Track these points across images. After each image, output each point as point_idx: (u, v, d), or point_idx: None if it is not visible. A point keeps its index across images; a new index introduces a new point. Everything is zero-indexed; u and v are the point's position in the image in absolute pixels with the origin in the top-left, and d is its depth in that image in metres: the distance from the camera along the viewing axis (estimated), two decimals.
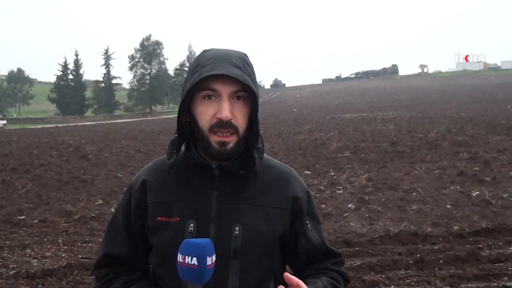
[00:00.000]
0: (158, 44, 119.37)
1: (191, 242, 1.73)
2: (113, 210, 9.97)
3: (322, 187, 13.59)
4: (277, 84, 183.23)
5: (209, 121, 1.92)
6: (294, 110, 61.95)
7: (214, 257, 1.73)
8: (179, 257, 1.72)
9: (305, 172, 16.15)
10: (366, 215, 10.44)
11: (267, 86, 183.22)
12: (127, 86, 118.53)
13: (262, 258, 1.99)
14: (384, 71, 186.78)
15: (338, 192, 13.00)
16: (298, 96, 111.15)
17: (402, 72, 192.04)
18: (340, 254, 2.20)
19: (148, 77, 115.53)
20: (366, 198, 11.92)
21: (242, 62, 1.94)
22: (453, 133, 24.50)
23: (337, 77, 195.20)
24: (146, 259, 2.08)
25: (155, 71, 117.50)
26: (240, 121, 1.93)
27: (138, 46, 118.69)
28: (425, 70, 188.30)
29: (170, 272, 1.92)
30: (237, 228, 1.94)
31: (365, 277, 6.87)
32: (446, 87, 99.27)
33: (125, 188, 2.20)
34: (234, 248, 1.93)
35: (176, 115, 2.01)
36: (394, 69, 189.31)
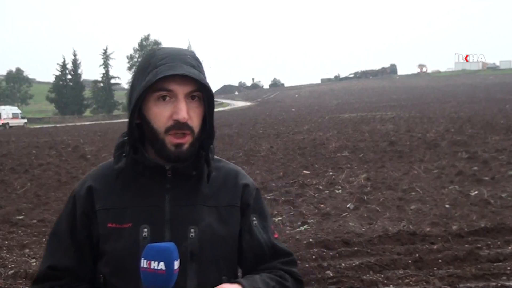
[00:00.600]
0: (157, 43, 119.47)
1: (157, 246, 1.69)
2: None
3: (321, 187, 13.59)
4: (275, 84, 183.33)
5: (165, 123, 1.87)
6: (293, 110, 61.97)
7: (179, 261, 1.70)
8: (143, 263, 1.66)
9: (304, 171, 16.15)
10: (365, 215, 10.44)
11: (266, 86, 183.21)
12: (126, 86, 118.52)
13: (220, 260, 1.95)
14: (383, 71, 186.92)
15: (336, 191, 13.00)
16: (296, 96, 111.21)
17: (400, 72, 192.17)
18: (291, 254, 2.13)
19: None
20: (365, 197, 11.92)
21: (196, 61, 1.92)
22: (451, 133, 24.50)
23: (335, 77, 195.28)
24: (94, 270, 1.97)
25: None
26: (195, 122, 1.90)
27: (136, 46, 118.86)
28: (424, 70, 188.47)
29: (125, 280, 1.86)
30: (192, 230, 1.90)
31: (364, 276, 6.88)
32: (445, 86, 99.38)
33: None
34: (190, 251, 1.88)
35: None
36: (392, 69, 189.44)
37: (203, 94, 1.92)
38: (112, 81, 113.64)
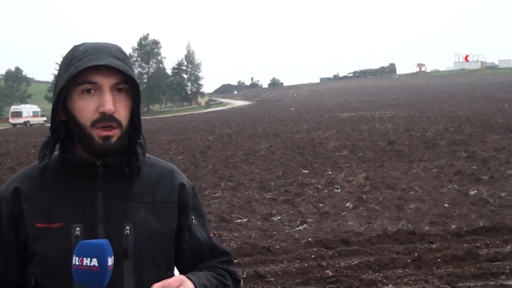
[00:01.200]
0: (156, 43, 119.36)
1: (90, 242, 1.65)
2: None
3: (320, 186, 13.60)
4: (275, 83, 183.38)
5: (90, 117, 1.81)
6: (292, 109, 62.00)
7: (113, 258, 1.65)
8: (75, 260, 1.62)
9: (303, 171, 16.16)
10: (364, 214, 10.45)
11: (265, 85, 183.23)
12: None
13: (158, 257, 1.91)
14: (381, 70, 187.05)
15: (336, 191, 13.00)
16: (296, 95, 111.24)
17: (399, 71, 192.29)
18: (229, 253, 2.11)
19: (145, 76, 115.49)
20: (364, 197, 11.92)
21: (121, 54, 1.87)
22: (450, 132, 24.53)
23: (335, 76, 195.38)
24: (22, 273, 1.89)
25: (152, 70, 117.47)
26: (123, 115, 1.85)
27: (135, 45, 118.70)
28: (423, 69, 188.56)
29: (57, 281, 1.81)
30: (127, 228, 1.85)
31: (363, 276, 6.88)
32: (444, 86, 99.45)
33: None
34: (125, 249, 1.84)
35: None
36: (391, 68, 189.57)
37: (129, 87, 1.87)
38: None
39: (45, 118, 69.46)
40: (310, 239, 8.66)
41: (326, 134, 27.42)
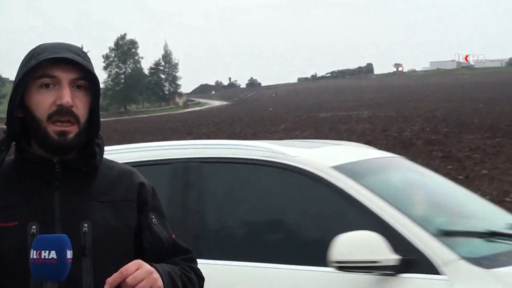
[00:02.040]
0: (133, 43, 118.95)
1: (47, 235, 1.63)
2: None
3: None
4: (252, 83, 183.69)
5: (47, 110, 1.79)
6: (270, 109, 62.06)
7: (71, 252, 1.62)
8: (33, 254, 1.59)
9: None
10: None
11: (243, 85, 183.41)
12: (101, 86, 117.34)
13: (117, 255, 1.87)
14: (359, 70, 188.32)
15: None
16: (273, 95, 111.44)
17: (377, 71, 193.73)
18: (190, 251, 2.09)
19: (122, 76, 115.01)
20: None
21: (81, 52, 1.87)
22: (427, 132, 24.73)
23: (312, 76, 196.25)
24: None
25: (130, 70, 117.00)
26: (81, 111, 1.82)
27: (113, 45, 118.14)
28: (400, 69, 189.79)
29: (14, 280, 1.79)
30: (85, 225, 1.83)
31: None
32: (421, 86, 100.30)
33: None
34: (83, 246, 1.81)
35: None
36: (369, 68, 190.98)
37: (89, 85, 1.85)
38: None
39: None
40: None
41: (304, 134, 27.48)
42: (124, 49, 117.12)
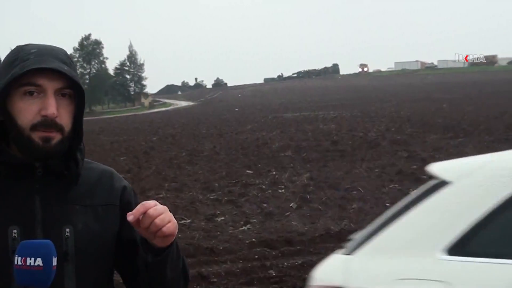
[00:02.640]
0: (98, 43, 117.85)
1: (33, 242, 1.62)
2: None
3: (264, 187, 13.66)
4: (219, 84, 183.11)
5: (31, 119, 1.75)
6: (236, 109, 62.03)
7: (56, 259, 1.61)
8: (18, 260, 1.57)
9: (247, 171, 16.20)
10: (308, 214, 10.56)
11: (209, 86, 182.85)
12: None
13: (99, 259, 1.88)
14: (325, 70, 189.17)
15: (280, 191, 13.09)
16: (240, 95, 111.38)
17: (343, 71, 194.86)
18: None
19: (87, 77, 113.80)
20: (308, 197, 12.04)
21: (67, 59, 1.83)
22: (392, 132, 25.00)
23: (279, 76, 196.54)
24: None
25: (94, 71, 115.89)
26: (65, 120, 1.80)
27: (77, 46, 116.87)
28: (365, 69, 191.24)
29: None
30: (67, 230, 1.81)
31: (306, 275, 6.92)
32: (386, 86, 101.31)
33: None
34: (65, 252, 1.80)
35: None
36: (335, 68, 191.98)
37: (74, 93, 1.83)
38: None
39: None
40: (253, 239, 8.70)
41: (270, 135, 27.54)
42: (89, 50, 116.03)
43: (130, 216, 1.70)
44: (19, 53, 1.80)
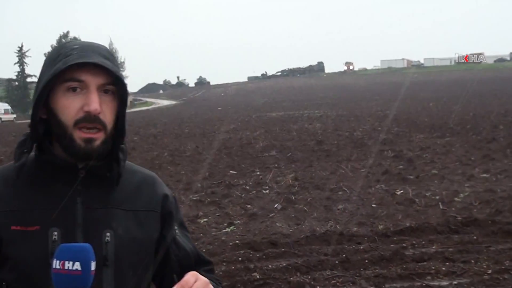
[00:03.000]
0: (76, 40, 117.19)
1: (72, 245, 1.61)
2: None
3: (247, 187, 13.64)
4: (201, 82, 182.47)
5: (74, 116, 1.76)
6: (219, 108, 61.95)
7: (95, 263, 1.61)
8: (56, 264, 1.57)
9: (231, 171, 16.17)
10: (293, 215, 10.55)
11: (192, 84, 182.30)
12: None
13: (138, 266, 1.88)
14: (310, 69, 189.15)
15: (264, 192, 13.08)
16: (223, 94, 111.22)
17: (328, 69, 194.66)
18: (211, 262, 2.13)
19: None
20: (293, 197, 12.04)
21: (110, 55, 1.84)
22: (378, 131, 25.07)
23: (262, 74, 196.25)
24: None
25: None
26: (108, 117, 1.80)
27: (55, 43, 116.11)
28: (351, 67, 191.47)
29: (33, 287, 1.76)
30: (108, 235, 1.82)
31: (291, 278, 6.94)
32: (372, 85, 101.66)
33: None
34: (105, 256, 1.80)
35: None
36: (320, 66, 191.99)
37: (117, 89, 1.83)
38: (29, 79, 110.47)
39: (14, 116, 75.26)
40: (237, 241, 8.67)
41: (254, 134, 27.53)
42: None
43: None
44: (62, 50, 1.81)
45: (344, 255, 7.72)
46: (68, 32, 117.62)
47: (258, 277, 7.03)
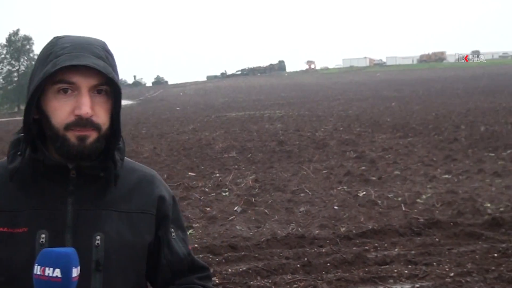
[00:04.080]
0: (27, 39, 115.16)
1: (53, 251, 1.60)
2: None
3: (207, 189, 13.61)
4: (159, 82, 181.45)
5: (64, 119, 1.75)
6: (178, 108, 61.64)
7: (79, 269, 1.60)
8: (37, 269, 1.57)
9: (189, 173, 16.12)
10: (253, 218, 10.57)
11: (149, 84, 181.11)
12: None
13: (128, 271, 1.87)
14: (271, 68, 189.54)
15: (223, 194, 13.07)
16: (181, 94, 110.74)
17: (289, 68, 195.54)
18: (208, 268, 2.12)
19: (16, 74, 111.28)
20: (253, 200, 12.05)
21: (104, 52, 1.82)
22: (340, 132, 25.27)
23: (222, 74, 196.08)
24: None
25: (24, 68, 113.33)
26: (102, 118, 1.79)
27: (4, 42, 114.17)
28: (312, 66, 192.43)
29: None
30: (98, 238, 1.80)
31: (251, 282, 6.96)
32: (334, 84, 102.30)
33: None
34: (96, 260, 1.79)
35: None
36: (281, 65, 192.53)
37: (110, 89, 1.81)
38: None
39: None
40: (196, 245, 8.66)
41: (214, 135, 27.47)
42: (17, 46, 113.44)
43: None
44: (53, 48, 1.79)
45: (305, 259, 7.77)
46: (18, 30, 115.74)
47: (217, 281, 7.02)
